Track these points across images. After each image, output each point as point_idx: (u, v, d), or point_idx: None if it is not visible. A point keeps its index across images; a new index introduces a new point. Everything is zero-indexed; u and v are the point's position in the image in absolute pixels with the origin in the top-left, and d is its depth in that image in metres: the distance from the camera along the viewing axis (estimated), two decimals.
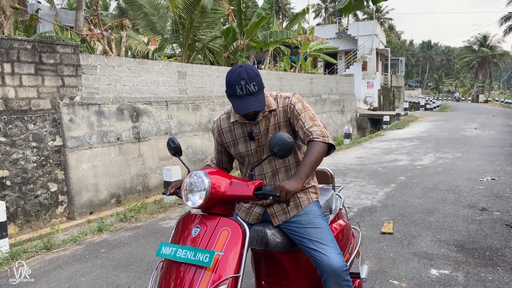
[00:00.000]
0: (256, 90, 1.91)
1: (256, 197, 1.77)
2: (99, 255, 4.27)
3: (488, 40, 53.41)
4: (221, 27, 14.41)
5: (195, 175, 1.78)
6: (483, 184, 6.66)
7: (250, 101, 1.91)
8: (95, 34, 10.76)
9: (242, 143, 2.15)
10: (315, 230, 2.04)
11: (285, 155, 1.76)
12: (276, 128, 2.08)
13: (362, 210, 5.44)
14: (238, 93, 1.90)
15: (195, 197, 1.76)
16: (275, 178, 2.16)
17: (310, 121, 2.02)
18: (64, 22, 18.63)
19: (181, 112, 8.31)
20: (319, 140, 1.94)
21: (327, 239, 2.02)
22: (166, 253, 1.70)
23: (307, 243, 2.01)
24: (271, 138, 1.79)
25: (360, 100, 23.71)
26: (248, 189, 1.78)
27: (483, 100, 44.89)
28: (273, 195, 1.75)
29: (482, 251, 3.91)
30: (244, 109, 1.91)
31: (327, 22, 43.17)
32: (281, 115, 2.08)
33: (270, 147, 1.77)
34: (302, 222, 2.08)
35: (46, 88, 5.86)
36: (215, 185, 1.76)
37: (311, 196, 2.20)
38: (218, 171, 1.86)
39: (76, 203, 6.01)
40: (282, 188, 1.76)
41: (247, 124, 2.11)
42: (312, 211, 2.13)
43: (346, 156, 10.19)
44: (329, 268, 1.92)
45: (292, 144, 1.75)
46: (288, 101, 2.08)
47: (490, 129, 15.45)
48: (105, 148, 6.57)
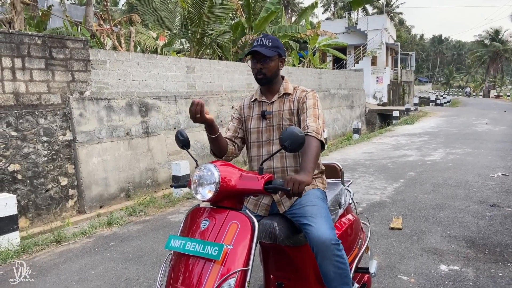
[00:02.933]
0: (270, 45, 2.14)
1: (266, 191, 1.76)
2: (108, 248, 4.31)
3: (500, 35, 52.54)
4: (229, 22, 14.38)
5: (204, 168, 1.77)
6: (494, 179, 6.58)
7: (258, 47, 2.13)
8: (105, 30, 10.80)
9: (255, 120, 2.28)
10: (311, 207, 2.06)
11: (296, 149, 1.75)
12: (290, 113, 2.20)
13: (371, 205, 5.42)
14: (254, 43, 2.17)
15: (205, 190, 1.76)
16: (282, 160, 2.20)
17: (312, 117, 2.13)
18: (74, 17, 18.75)
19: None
20: (312, 135, 2.02)
21: (320, 214, 2.02)
22: (175, 246, 1.70)
23: (302, 220, 2.02)
24: (282, 132, 1.78)
25: (369, 95, 23.54)
26: (258, 183, 1.77)
27: (494, 95, 44.31)
28: (283, 189, 1.74)
29: (493, 247, 3.87)
30: (253, 48, 2.13)
31: (336, 16, 42.84)
32: (296, 104, 2.22)
33: (281, 141, 1.76)
34: (302, 202, 2.11)
35: (57, 83, 5.91)
36: (225, 179, 1.75)
37: (317, 184, 2.24)
38: (228, 164, 1.85)
39: (86, 197, 6.06)
40: (294, 180, 1.76)
41: (263, 104, 2.27)
42: (313, 194, 2.16)
43: (355, 151, 10.14)
44: (317, 240, 1.90)
45: (303, 138, 1.74)
46: (305, 93, 2.23)
47: (502, 124, 15.25)
48: (114, 143, 6.62)
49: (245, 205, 2.21)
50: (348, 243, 2.46)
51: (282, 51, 2.21)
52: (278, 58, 2.19)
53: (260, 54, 2.12)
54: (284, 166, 2.19)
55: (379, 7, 46.22)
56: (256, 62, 2.16)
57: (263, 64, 2.15)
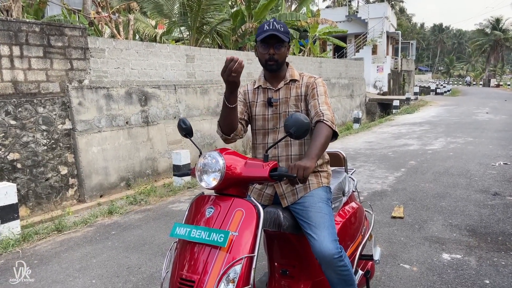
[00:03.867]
0: (282, 30, 2.03)
1: (272, 178, 1.74)
2: (109, 237, 4.30)
3: (501, 23, 52.19)
4: (229, 10, 14.22)
5: (209, 156, 1.75)
6: (495, 168, 6.56)
7: (273, 31, 2.01)
8: (103, 17, 10.68)
9: (260, 107, 2.21)
10: (315, 214, 2.01)
11: (301, 136, 1.73)
12: (297, 99, 2.15)
13: (372, 194, 5.41)
14: (265, 28, 2.03)
15: (210, 178, 1.74)
16: (287, 148, 2.16)
17: (325, 105, 2.08)
18: (71, 5, 18.50)
19: (189, 96, 8.27)
20: (328, 123, 1.96)
21: (324, 224, 1.98)
22: (180, 234, 1.68)
23: (305, 226, 2.00)
24: (287, 118, 1.75)
25: (369, 85, 23.44)
26: (263, 170, 1.75)
27: (494, 85, 44.17)
28: (288, 175, 1.72)
29: (495, 236, 3.87)
30: (267, 33, 2.01)
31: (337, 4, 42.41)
32: (303, 90, 2.17)
33: (286, 128, 1.73)
34: (306, 204, 2.06)
35: (55, 71, 5.85)
36: (230, 166, 1.73)
37: (322, 181, 2.18)
38: (232, 152, 1.82)
39: (86, 186, 6.05)
40: (298, 166, 1.73)
41: (269, 90, 2.20)
42: (318, 195, 2.11)
43: (355, 140, 10.12)
44: (320, 255, 1.90)
45: (308, 124, 1.72)
46: (313, 79, 2.18)
47: (502, 113, 15.22)
48: (114, 132, 6.58)
49: (249, 195, 2.19)
50: (351, 231, 2.45)
51: (289, 34, 2.14)
52: (287, 44, 2.12)
53: (276, 38, 2.02)
54: (289, 154, 2.15)
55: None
56: (267, 47, 2.05)
57: (276, 50, 2.05)
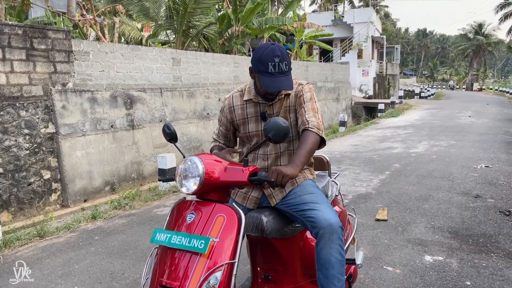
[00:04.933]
0: (287, 70, 1.94)
1: (251, 183, 1.75)
2: (93, 243, 4.25)
3: (483, 28, 53.28)
4: (215, 14, 14.24)
5: (189, 160, 1.76)
6: (477, 171, 6.69)
7: (281, 79, 1.92)
8: (88, 20, 10.58)
9: (253, 123, 2.16)
10: (309, 195, 2.04)
11: (280, 140, 1.74)
12: (286, 111, 2.12)
13: (357, 197, 5.45)
14: (270, 70, 1.90)
15: (190, 183, 1.74)
16: (277, 160, 2.16)
17: (311, 111, 2.05)
18: (56, 7, 18.29)
19: (175, 100, 8.24)
20: (314, 131, 1.96)
21: (322, 200, 2.01)
22: (161, 240, 1.68)
23: (302, 207, 1.98)
24: (266, 123, 1.77)
25: (355, 88, 23.66)
26: (242, 174, 1.76)
27: (477, 89, 45.00)
28: (267, 180, 1.73)
29: (476, 238, 3.94)
30: (276, 86, 1.91)
31: (323, 9, 42.79)
32: (292, 100, 2.13)
33: (265, 132, 1.75)
34: (298, 192, 2.08)
35: (38, 74, 5.77)
36: (209, 171, 1.74)
37: (307, 175, 2.21)
38: (213, 157, 1.83)
39: (69, 190, 5.96)
40: (278, 172, 1.75)
41: (261, 104, 2.13)
42: (307, 183, 2.15)
43: (341, 143, 10.20)
44: (325, 223, 1.86)
45: (287, 128, 1.73)
46: (300, 87, 2.13)
47: (484, 117, 15.51)
48: (98, 136, 6.51)
49: (233, 198, 2.20)
50: None
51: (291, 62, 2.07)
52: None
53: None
54: (278, 164, 2.16)
55: (365, 0, 46.34)
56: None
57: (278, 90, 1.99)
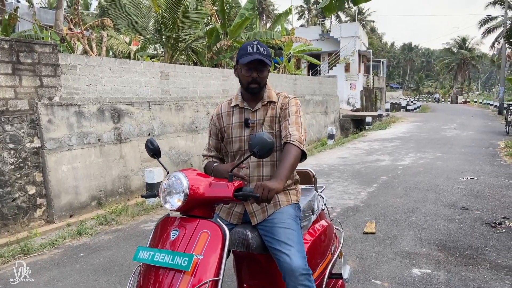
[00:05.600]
0: (265, 54, 2.06)
1: (236, 198, 1.75)
2: (78, 259, 4.17)
3: (467, 43, 54.51)
4: (204, 28, 14.34)
5: (173, 176, 1.74)
6: (463, 183, 6.77)
7: (258, 55, 2.03)
8: (75, 34, 10.56)
9: (236, 128, 2.20)
10: (284, 230, 2.02)
11: (265, 155, 1.75)
12: (272, 120, 2.16)
13: (345, 210, 5.47)
14: (249, 50, 2.05)
15: (174, 199, 1.72)
16: (259, 169, 2.15)
17: (295, 125, 2.08)
18: (43, 21, 18.25)
19: (164, 113, 8.22)
20: (295, 144, 1.99)
21: (293, 240, 1.98)
22: (144, 258, 1.65)
23: (273, 243, 1.99)
24: (251, 137, 1.77)
25: (343, 101, 23.91)
26: (227, 190, 1.75)
27: (462, 101, 45.81)
28: (253, 195, 1.73)
29: (463, 250, 3.97)
30: (252, 57, 2.02)
31: (311, 23, 43.43)
32: (278, 111, 2.17)
33: (250, 147, 1.75)
34: (275, 221, 2.06)
35: (24, 89, 5.71)
36: (194, 187, 1.72)
37: (291, 198, 2.19)
38: (198, 172, 1.82)
39: (55, 206, 5.86)
40: (264, 186, 1.75)
41: (245, 111, 2.19)
42: (287, 211, 2.12)
43: (329, 156, 10.25)
44: (288, 268, 1.87)
45: (272, 144, 1.74)
46: (287, 100, 2.19)
47: (469, 129, 15.77)
48: (85, 150, 6.44)
49: (217, 214, 2.18)
50: (321, 249, 2.46)
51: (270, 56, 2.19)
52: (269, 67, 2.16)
53: (260, 62, 2.04)
54: (260, 174, 2.15)
55: (352, 15, 47.18)
56: (251, 71, 2.07)
57: (259, 73, 2.08)
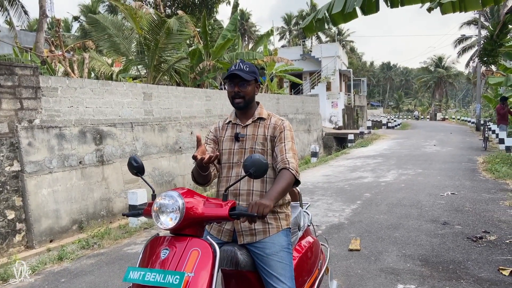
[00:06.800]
0: (247, 70, 2.19)
1: (231, 217, 1.77)
2: (59, 285, 4.06)
3: (443, 61, 56.30)
4: (186, 49, 14.45)
5: (166, 195, 1.75)
6: (444, 198, 6.89)
7: (237, 71, 2.17)
8: (56, 56, 10.51)
9: (227, 141, 2.29)
10: (277, 264, 2.06)
11: (260, 176, 1.82)
12: (264, 138, 2.24)
13: (330, 227, 5.49)
14: (232, 68, 2.20)
15: (167, 218, 1.72)
16: (249, 183, 2.19)
17: (291, 151, 2.17)
18: (24, 44, 18.13)
19: (147, 134, 8.18)
20: (293, 172, 2.07)
21: (286, 276, 2.05)
22: (134, 278, 1.63)
23: (267, 274, 2.05)
24: (246, 159, 1.83)
25: (325, 119, 24.23)
26: (223, 209, 1.78)
27: (440, 118, 46.93)
28: (248, 214, 1.76)
29: (446, 265, 4.02)
30: (232, 70, 2.18)
31: (292, 44, 44.24)
32: (270, 130, 2.25)
33: (245, 168, 1.81)
34: (267, 251, 2.09)
35: (3, 112, 5.63)
36: (190, 206, 1.73)
37: (281, 224, 2.21)
38: (190, 192, 1.83)
39: (35, 231, 5.72)
40: (259, 204, 1.81)
41: (237, 126, 2.30)
42: (279, 242, 2.14)
43: (313, 174, 10.31)
44: None
45: (267, 165, 1.82)
46: (281, 122, 2.27)
47: (448, 145, 16.12)
48: (66, 173, 6.34)
49: (208, 231, 2.19)
50: (308, 265, 2.48)
51: (258, 76, 2.28)
52: (254, 83, 2.25)
53: (239, 78, 2.16)
54: (250, 189, 2.18)
55: (332, 35, 48.30)
56: (233, 86, 2.20)
57: (241, 88, 2.19)
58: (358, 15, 5.19)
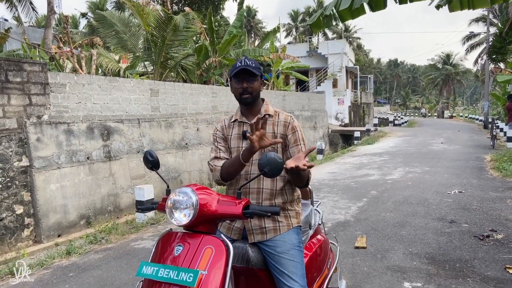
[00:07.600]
0: (253, 66, 2.15)
1: (245, 216, 1.77)
2: (67, 280, 4.10)
3: (451, 59, 55.80)
4: (193, 45, 14.46)
5: (180, 192, 1.75)
6: (451, 197, 6.86)
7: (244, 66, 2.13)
8: (64, 52, 10.57)
9: (235, 140, 2.27)
10: (288, 262, 2.06)
11: (275, 174, 1.79)
12: (274, 136, 2.21)
13: (336, 225, 5.49)
14: (237, 65, 2.16)
15: (180, 215, 1.73)
16: (259, 181, 2.18)
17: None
18: (32, 40, 18.26)
19: (153, 130, 8.22)
20: (310, 176, 2.16)
21: (298, 274, 2.05)
22: (147, 273, 1.64)
23: (278, 272, 2.05)
24: (261, 157, 1.80)
25: (331, 117, 24.16)
26: (236, 208, 1.77)
27: (448, 116, 46.56)
28: (261, 214, 1.76)
29: (453, 263, 4.01)
30: (240, 65, 2.14)
31: (298, 41, 44.05)
32: (281, 128, 2.23)
33: (260, 167, 1.78)
34: (278, 250, 2.09)
35: (13, 107, 5.68)
36: (203, 203, 1.73)
37: (292, 222, 2.20)
38: (204, 188, 1.83)
39: (43, 225, 5.78)
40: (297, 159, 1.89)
41: (244, 124, 2.27)
42: (290, 240, 2.14)
43: (319, 171, 10.30)
44: None
45: (282, 164, 1.79)
46: (290, 119, 2.25)
47: (456, 143, 16.02)
48: (74, 168, 6.39)
49: (218, 229, 2.20)
50: (318, 264, 2.48)
51: (260, 69, 2.25)
52: (260, 78, 2.22)
53: (248, 73, 2.14)
54: (260, 187, 2.17)
55: (338, 32, 48.08)
56: (240, 82, 2.17)
57: (249, 83, 2.16)
58: (366, 11, 5.15)
